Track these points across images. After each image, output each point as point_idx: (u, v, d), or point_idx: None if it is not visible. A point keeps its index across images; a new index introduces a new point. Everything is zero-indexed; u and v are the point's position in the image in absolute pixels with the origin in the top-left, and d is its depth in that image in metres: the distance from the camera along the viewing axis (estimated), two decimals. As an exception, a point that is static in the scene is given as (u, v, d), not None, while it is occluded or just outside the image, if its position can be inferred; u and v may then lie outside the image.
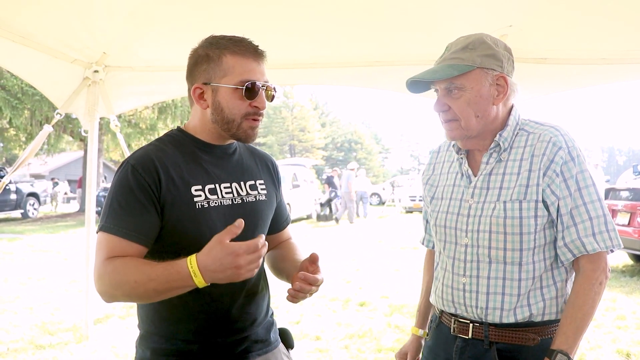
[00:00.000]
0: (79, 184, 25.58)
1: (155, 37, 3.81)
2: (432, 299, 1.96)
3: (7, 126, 22.14)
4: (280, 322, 1.99)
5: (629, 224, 8.04)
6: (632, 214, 8.06)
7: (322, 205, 20.04)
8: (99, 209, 13.18)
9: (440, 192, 1.91)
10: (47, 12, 3.36)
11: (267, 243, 1.47)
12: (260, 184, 1.85)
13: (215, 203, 1.68)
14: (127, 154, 5.25)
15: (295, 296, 1.66)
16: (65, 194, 33.93)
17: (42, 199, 22.77)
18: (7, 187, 19.42)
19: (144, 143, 23.77)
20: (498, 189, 1.72)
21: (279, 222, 1.99)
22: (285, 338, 1.96)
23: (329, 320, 5.72)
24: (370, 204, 27.85)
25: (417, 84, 1.78)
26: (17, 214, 21.11)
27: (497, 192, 1.72)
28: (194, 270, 1.42)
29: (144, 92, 4.94)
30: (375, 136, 74.73)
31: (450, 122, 1.74)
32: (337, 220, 18.46)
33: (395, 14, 3.33)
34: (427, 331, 2.03)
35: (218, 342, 1.70)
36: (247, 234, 1.59)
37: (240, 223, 1.43)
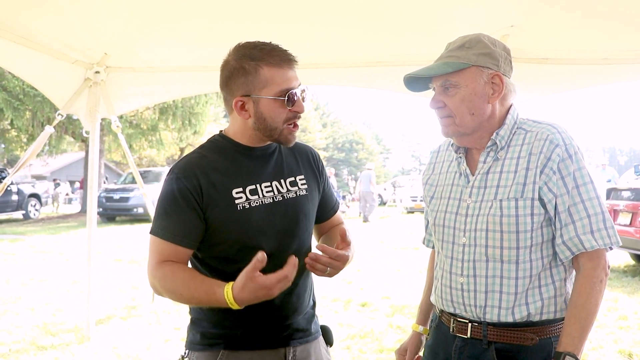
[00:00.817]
0: (81, 185, 25.62)
1: (157, 37, 3.81)
2: (432, 299, 1.96)
3: (9, 127, 22.18)
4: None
5: (630, 224, 8.02)
6: (633, 214, 8.04)
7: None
8: (100, 209, 13.28)
9: (439, 192, 1.92)
10: (48, 13, 3.36)
11: (297, 263, 1.55)
12: (300, 180, 1.92)
13: (257, 203, 1.77)
14: (129, 154, 5.27)
15: (312, 266, 1.73)
16: (67, 194, 33.98)
17: (43, 199, 22.81)
18: (9, 188, 19.50)
19: (145, 144, 23.85)
20: (495, 187, 1.73)
21: (326, 210, 2.06)
22: (326, 335, 2.04)
23: (330, 320, 5.72)
24: (371, 204, 28.31)
25: (416, 83, 1.81)
26: (18, 215, 21.18)
27: (494, 191, 1.72)
28: (231, 301, 1.54)
29: (146, 92, 4.94)
30: (377, 136, 74.78)
31: (445, 118, 1.76)
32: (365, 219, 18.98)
33: (396, 15, 3.33)
34: (427, 329, 2.05)
35: (261, 328, 1.81)
36: (289, 228, 1.79)
37: (262, 257, 1.50)
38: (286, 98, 1.71)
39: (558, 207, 1.66)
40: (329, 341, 2.04)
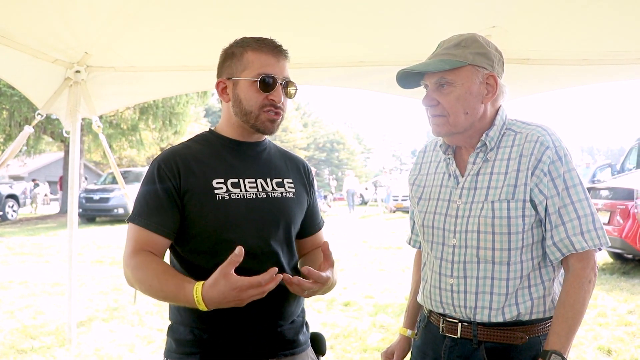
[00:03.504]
0: (60, 185, 25.29)
1: (138, 37, 3.78)
2: (419, 299, 1.96)
3: (-15, 127, 21.81)
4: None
5: (609, 223, 8.14)
6: (612, 213, 8.17)
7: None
8: (80, 210, 13.03)
9: (427, 193, 1.91)
10: (28, 11, 3.31)
11: (278, 277, 1.50)
12: (288, 182, 1.88)
13: (238, 196, 1.74)
14: (110, 155, 5.23)
15: (293, 288, 1.66)
16: (46, 195, 33.55)
17: (21, 200, 22.50)
18: (-14, 189, 19.21)
19: (125, 144, 23.65)
20: (486, 188, 1.73)
21: (311, 225, 2.02)
22: (317, 344, 1.97)
23: (314, 320, 5.72)
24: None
25: (407, 80, 1.79)
26: (-5, 216, 20.87)
27: (485, 192, 1.73)
28: (198, 299, 1.50)
29: (127, 92, 4.90)
30: (358, 136, 74.90)
31: (437, 117, 1.75)
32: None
33: (378, 15, 3.34)
34: (415, 332, 2.03)
35: (243, 335, 1.72)
36: (271, 227, 1.74)
37: (240, 251, 1.47)
38: (259, 80, 1.72)
39: (548, 209, 1.67)
40: (320, 351, 1.97)
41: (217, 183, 1.73)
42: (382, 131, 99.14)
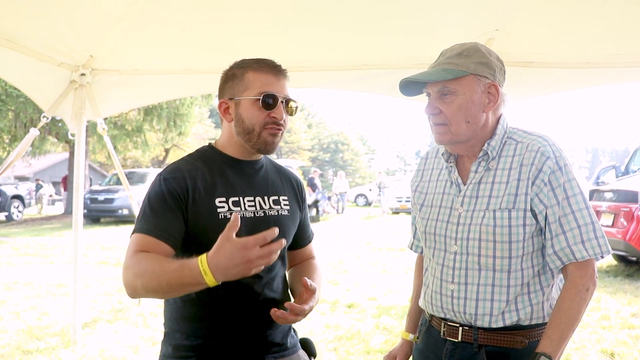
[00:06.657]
0: (64, 185, 25.36)
1: (143, 40, 3.80)
2: (421, 304, 1.98)
3: (-9, 128, 21.89)
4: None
5: (612, 225, 8.13)
6: (615, 215, 8.16)
7: (309, 206, 20.13)
8: (85, 211, 13.04)
9: (429, 200, 1.92)
10: (33, 15, 3.34)
11: (277, 234, 1.47)
12: (283, 200, 1.94)
13: (238, 215, 1.73)
14: (115, 157, 5.25)
15: (283, 319, 1.72)
16: (51, 196, 33.65)
17: (26, 201, 22.58)
18: (-9, 190, 19.28)
19: (130, 145, 23.71)
20: (487, 197, 1.74)
21: (302, 239, 2.08)
22: (307, 347, 2.02)
23: (317, 322, 5.73)
24: (357, 204, 30.92)
25: (410, 88, 1.81)
26: (1, 217, 20.93)
27: (487, 201, 1.74)
28: (204, 268, 1.45)
29: (132, 95, 4.92)
30: (362, 137, 74.78)
31: (439, 125, 1.76)
32: None
33: (382, 19, 3.35)
34: (417, 335, 2.05)
35: (234, 341, 1.79)
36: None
37: (236, 216, 1.45)
38: (261, 98, 1.76)
39: (548, 218, 1.68)
40: (312, 353, 2.03)
41: (219, 202, 1.77)
42: (385, 132, 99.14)
